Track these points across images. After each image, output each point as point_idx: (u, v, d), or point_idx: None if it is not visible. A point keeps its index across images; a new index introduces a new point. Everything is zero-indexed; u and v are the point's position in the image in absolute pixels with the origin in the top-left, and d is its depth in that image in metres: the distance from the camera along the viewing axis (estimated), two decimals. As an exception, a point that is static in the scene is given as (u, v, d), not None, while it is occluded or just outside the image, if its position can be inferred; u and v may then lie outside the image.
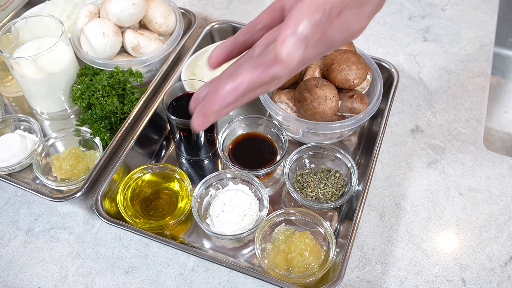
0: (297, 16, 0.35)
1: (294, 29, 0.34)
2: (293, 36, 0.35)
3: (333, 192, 0.72)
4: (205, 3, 1.08)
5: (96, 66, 0.83)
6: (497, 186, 0.77)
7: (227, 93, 0.41)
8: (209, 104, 0.42)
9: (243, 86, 0.41)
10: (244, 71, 0.41)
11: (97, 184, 0.77)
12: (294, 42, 0.34)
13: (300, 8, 0.35)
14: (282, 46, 0.35)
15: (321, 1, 0.35)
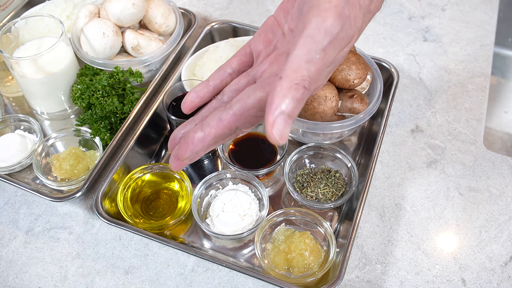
0: (280, 95, 0.36)
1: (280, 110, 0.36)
2: (281, 117, 0.36)
3: (333, 192, 0.72)
4: (205, 3, 1.08)
5: (96, 66, 0.83)
6: (497, 186, 0.77)
7: (197, 142, 0.44)
8: (181, 150, 0.45)
9: (210, 137, 0.44)
10: (212, 122, 0.44)
11: (97, 184, 0.77)
12: (283, 123, 0.36)
13: (282, 86, 0.36)
14: (273, 129, 0.36)
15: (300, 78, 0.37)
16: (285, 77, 0.37)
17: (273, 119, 0.36)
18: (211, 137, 0.43)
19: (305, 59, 0.37)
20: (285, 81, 0.36)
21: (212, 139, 0.44)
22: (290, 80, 0.36)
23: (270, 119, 0.36)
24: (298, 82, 0.36)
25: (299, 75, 0.37)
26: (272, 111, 0.36)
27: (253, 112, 0.42)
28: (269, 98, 0.37)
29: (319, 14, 0.38)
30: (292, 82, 0.36)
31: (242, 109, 0.42)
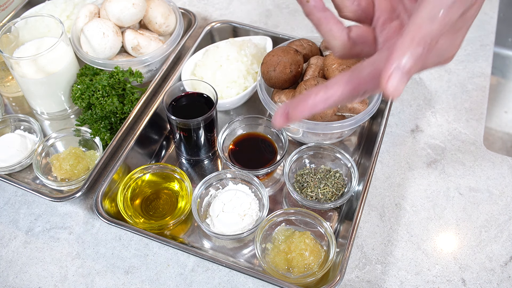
0: (400, 50, 0.36)
1: (398, 64, 0.36)
2: (397, 72, 0.36)
3: (333, 192, 0.72)
4: (205, 3, 1.08)
5: (96, 66, 0.83)
6: (497, 186, 0.77)
7: (319, 102, 0.42)
8: (298, 110, 0.43)
9: (335, 98, 0.42)
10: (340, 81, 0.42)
11: (97, 184, 0.77)
12: (399, 78, 0.36)
13: (403, 42, 0.37)
14: (388, 82, 0.36)
15: (422, 34, 0.37)
16: (406, 33, 0.37)
17: (389, 73, 0.36)
18: (335, 98, 0.41)
19: (428, 17, 0.37)
20: (406, 37, 0.37)
21: (336, 100, 0.42)
22: (412, 36, 0.37)
23: (386, 72, 0.36)
24: (419, 40, 0.37)
25: (421, 32, 0.37)
26: (389, 65, 0.36)
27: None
28: (388, 52, 0.37)
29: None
30: (413, 38, 0.36)
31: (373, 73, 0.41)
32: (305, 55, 0.78)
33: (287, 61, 0.73)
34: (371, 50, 0.49)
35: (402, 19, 0.47)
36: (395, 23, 0.47)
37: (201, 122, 0.71)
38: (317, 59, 0.77)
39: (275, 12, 1.06)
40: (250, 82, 0.83)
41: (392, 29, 0.47)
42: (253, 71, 0.84)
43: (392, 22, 0.47)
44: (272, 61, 0.74)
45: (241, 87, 0.83)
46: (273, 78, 0.74)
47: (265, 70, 0.74)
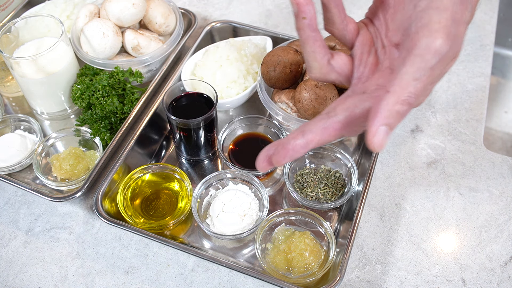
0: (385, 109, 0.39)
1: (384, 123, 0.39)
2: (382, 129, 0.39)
3: (333, 192, 0.72)
4: (205, 3, 1.08)
5: (96, 66, 0.83)
6: (497, 186, 0.77)
7: (298, 149, 0.44)
8: (279, 156, 0.45)
9: (313, 144, 0.44)
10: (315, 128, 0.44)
11: (97, 184, 0.77)
12: (383, 135, 0.39)
13: (388, 102, 0.39)
14: (374, 138, 0.39)
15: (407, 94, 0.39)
16: (392, 92, 0.39)
17: (375, 129, 0.38)
18: (313, 144, 0.44)
19: (413, 77, 0.39)
20: (392, 96, 0.39)
21: (314, 145, 0.44)
22: (398, 96, 0.39)
23: (372, 129, 0.39)
24: (404, 99, 0.39)
25: (406, 92, 0.39)
26: (375, 122, 0.39)
27: (360, 122, 0.44)
28: (374, 108, 0.39)
29: (429, 35, 0.40)
30: (399, 98, 0.39)
31: (349, 118, 0.43)
32: (305, 55, 0.78)
33: (287, 61, 0.73)
34: (345, 81, 0.51)
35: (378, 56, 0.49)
36: (371, 59, 0.49)
37: (201, 122, 0.71)
38: (317, 59, 0.76)
39: (275, 12, 1.06)
40: (250, 82, 0.83)
41: (368, 65, 0.49)
42: (253, 71, 0.84)
43: (369, 57, 0.49)
44: (272, 61, 0.74)
45: (241, 87, 0.83)
46: (273, 78, 0.74)
47: (265, 70, 0.74)
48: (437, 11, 0.40)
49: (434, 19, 0.40)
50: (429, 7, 0.41)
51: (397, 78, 0.40)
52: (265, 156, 0.48)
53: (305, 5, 0.46)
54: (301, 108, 0.71)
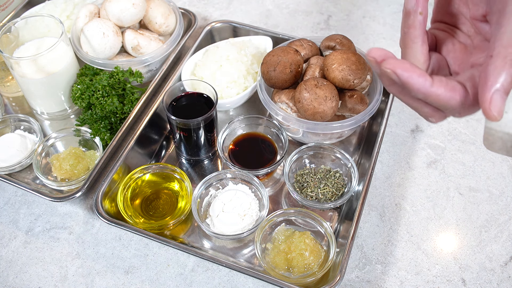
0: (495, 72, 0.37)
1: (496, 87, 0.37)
2: (497, 93, 0.37)
3: (333, 192, 0.72)
4: (205, 3, 1.08)
5: (96, 66, 0.83)
6: (497, 186, 0.77)
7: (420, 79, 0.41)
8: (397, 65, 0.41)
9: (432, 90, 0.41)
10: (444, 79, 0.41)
11: (97, 184, 0.77)
12: (500, 99, 0.37)
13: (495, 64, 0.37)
14: (491, 105, 0.37)
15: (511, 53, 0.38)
16: (496, 55, 0.37)
17: (489, 96, 0.37)
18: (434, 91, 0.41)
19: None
20: (497, 59, 0.37)
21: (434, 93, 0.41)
22: (503, 56, 0.37)
23: (486, 96, 0.37)
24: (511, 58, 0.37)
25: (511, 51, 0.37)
26: (488, 89, 0.37)
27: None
28: (483, 76, 0.37)
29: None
30: (505, 59, 0.37)
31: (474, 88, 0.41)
32: (305, 55, 0.78)
33: (287, 61, 0.73)
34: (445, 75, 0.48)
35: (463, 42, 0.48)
36: (456, 46, 0.48)
37: (201, 122, 0.71)
38: (317, 59, 0.77)
39: (275, 12, 1.06)
40: (250, 82, 0.83)
41: (456, 50, 0.48)
42: (253, 71, 0.84)
43: (454, 45, 0.48)
44: (272, 61, 0.74)
45: (241, 87, 0.83)
46: (273, 78, 0.74)
47: (265, 70, 0.74)
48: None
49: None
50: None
51: (497, 39, 0.38)
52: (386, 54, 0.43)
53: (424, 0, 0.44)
54: (301, 108, 0.71)
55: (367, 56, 0.43)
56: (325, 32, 1.02)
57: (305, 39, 0.80)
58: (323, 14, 1.05)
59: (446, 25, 0.51)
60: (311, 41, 0.80)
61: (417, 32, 0.46)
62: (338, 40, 0.77)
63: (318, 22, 1.04)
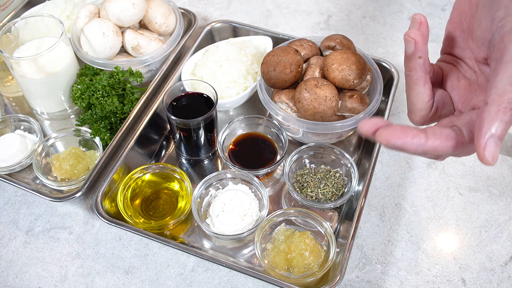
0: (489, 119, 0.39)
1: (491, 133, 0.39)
2: (491, 140, 0.38)
3: (333, 192, 0.72)
4: (205, 3, 1.08)
5: (96, 66, 0.83)
6: (497, 186, 0.77)
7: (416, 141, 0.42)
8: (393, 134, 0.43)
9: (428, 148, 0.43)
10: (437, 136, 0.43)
11: (97, 184, 0.77)
12: (494, 145, 0.39)
13: (490, 111, 0.39)
14: (485, 151, 0.39)
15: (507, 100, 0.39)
16: (491, 103, 0.39)
17: (484, 142, 0.38)
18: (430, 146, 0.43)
19: (509, 83, 0.39)
20: (492, 106, 0.39)
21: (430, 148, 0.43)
22: (497, 104, 0.39)
23: (481, 142, 0.38)
24: (505, 106, 0.39)
25: (505, 99, 0.39)
26: (482, 135, 0.38)
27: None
28: (478, 122, 0.39)
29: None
30: (499, 107, 0.39)
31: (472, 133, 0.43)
32: (305, 55, 0.78)
33: (287, 61, 0.73)
34: (449, 111, 0.51)
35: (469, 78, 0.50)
36: (462, 82, 0.50)
37: (201, 122, 0.71)
38: (317, 59, 0.77)
39: (275, 12, 1.06)
40: (250, 82, 0.83)
41: (461, 87, 0.50)
42: (253, 71, 0.84)
43: (459, 82, 0.50)
44: (272, 61, 0.74)
45: (241, 87, 0.83)
46: (273, 78, 0.74)
47: (265, 70, 0.74)
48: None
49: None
50: (508, 15, 0.41)
51: (493, 87, 0.40)
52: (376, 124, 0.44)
53: (423, 45, 0.46)
54: (301, 108, 0.71)
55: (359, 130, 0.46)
56: (325, 32, 1.02)
57: (305, 39, 0.80)
58: (323, 14, 1.05)
59: (453, 58, 0.53)
60: (311, 41, 0.80)
61: (419, 74, 0.47)
62: (338, 40, 0.77)
63: (318, 22, 1.04)
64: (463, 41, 0.51)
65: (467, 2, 0.50)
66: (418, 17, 0.47)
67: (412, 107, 0.50)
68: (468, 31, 0.50)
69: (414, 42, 0.45)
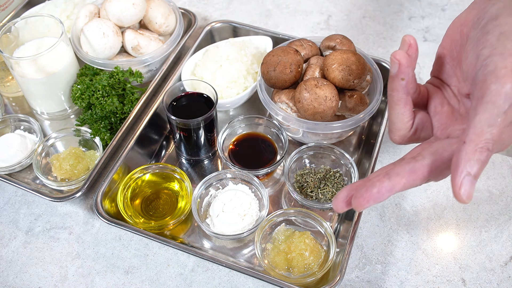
0: (466, 158, 0.40)
1: (467, 172, 0.39)
2: (467, 179, 0.39)
3: (333, 192, 0.72)
4: (205, 3, 1.08)
5: (96, 66, 0.83)
6: (497, 186, 0.77)
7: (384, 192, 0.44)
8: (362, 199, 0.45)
9: (399, 187, 0.44)
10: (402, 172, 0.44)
11: (97, 184, 0.77)
12: (469, 184, 0.39)
13: (467, 150, 0.40)
14: (460, 189, 0.39)
15: (484, 141, 0.40)
16: (468, 142, 0.40)
17: (460, 181, 0.39)
18: (399, 188, 0.44)
19: (487, 124, 0.40)
20: (469, 146, 0.40)
21: (400, 189, 0.44)
22: (474, 144, 0.40)
23: (457, 181, 0.39)
24: (482, 146, 0.40)
25: (483, 139, 0.40)
26: (458, 174, 0.39)
27: (448, 166, 0.44)
28: (454, 160, 0.40)
29: (497, 81, 0.40)
30: (476, 146, 0.40)
31: (437, 162, 0.44)
32: (305, 55, 0.78)
33: (287, 61, 0.73)
34: (428, 134, 0.52)
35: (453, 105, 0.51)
36: (445, 108, 0.51)
37: (201, 122, 0.71)
38: (317, 59, 0.77)
39: (275, 12, 1.06)
40: (250, 82, 0.83)
41: (444, 113, 0.51)
42: (253, 71, 0.84)
43: (443, 107, 0.51)
44: (272, 61, 0.74)
45: (241, 87, 0.83)
46: (273, 78, 0.74)
47: (265, 70, 0.74)
48: (501, 57, 0.41)
49: (499, 65, 0.41)
50: (493, 54, 0.42)
51: (471, 127, 0.40)
52: (345, 197, 0.47)
53: (407, 67, 0.46)
54: (301, 108, 0.71)
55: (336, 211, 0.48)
56: (325, 32, 1.02)
57: (305, 39, 0.80)
58: (323, 14, 1.05)
59: (440, 82, 0.54)
60: (311, 41, 0.80)
61: (400, 95, 0.48)
62: (338, 40, 0.77)
63: (318, 22, 1.04)
64: (451, 69, 0.52)
65: (458, 32, 0.51)
66: (408, 39, 0.48)
67: (392, 126, 0.52)
68: (457, 59, 0.51)
69: (399, 63, 0.46)
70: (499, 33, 0.42)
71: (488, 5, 0.45)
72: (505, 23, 0.42)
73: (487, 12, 0.45)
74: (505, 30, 0.42)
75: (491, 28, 0.43)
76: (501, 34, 0.42)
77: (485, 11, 0.45)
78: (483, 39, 0.43)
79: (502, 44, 0.41)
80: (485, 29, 0.44)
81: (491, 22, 0.43)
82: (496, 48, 0.42)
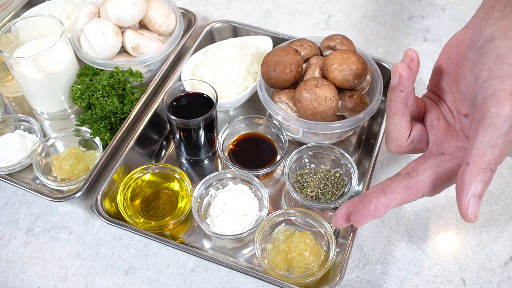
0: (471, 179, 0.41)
1: (472, 193, 0.41)
2: (473, 199, 0.41)
3: (333, 192, 0.72)
4: (205, 3, 1.08)
5: (96, 66, 0.83)
6: (497, 186, 0.77)
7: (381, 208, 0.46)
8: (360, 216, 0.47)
9: (395, 203, 0.46)
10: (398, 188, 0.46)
11: (97, 184, 0.77)
12: (476, 204, 0.41)
13: (471, 172, 0.41)
14: (468, 210, 0.41)
15: (487, 162, 0.41)
16: (472, 163, 0.41)
17: (466, 202, 0.41)
18: (395, 203, 0.46)
19: (489, 145, 0.41)
20: (473, 167, 0.41)
21: (396, 205, 0.46)
22: (478, 165, 0.41)
23: (463, 202, 0.41)
24: (485, 167, 0.41)
25: (486, 160, 0.41)
26: (464, 195, 0.41)
27: (443, 181, 0.46)
28: (459, 182, 0.42)
29: (497, 104, 0.42)
30: (480, 167, 0.41)
31: (432, 177, 0.46)
32: (305, 55, 0.78)
33: (287, 61, 0.73)
34: (423, 147, 0.53)
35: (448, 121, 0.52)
36: (441, 123, 0.52)
37: (201, 122, 0.71)
38: (317, 59, 0.77)
39: (275, 12, 1.06)
40: (250, 82, 0.83)
41: (440, 128, 0.52)
42: (253, 71, 0.84)
43: (439, 122, 0.52)
44: (272, 61, 0.74)
45: (241, 87, 0.83)
46: (273, 78, 0.74)
47: (265, 70, 0.74)
48: (499, 80, 0.42)
49: (498, 88, 0.42)
50: (491, 77, 0.42)
51: (473, 148, 0.42)
52: (344, 214, 0.49)
53: (407, 79, 0.47)
54: (301, 108, 0.71)
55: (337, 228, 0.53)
56: (325, 32, 1.02)
57: (305, 39, 0.80)
58: (323, 14, 1.05)
59: (436, 97, 0.55)
60: (311, 41, 0.80)
61: (398, 106, 0.49)
62: (338, 40, 0.77)
63: (318, 22, 1.04)
64: (447, 86, 0.53)
65: (455, 50, 0.52)
66: (410, 52, 0.49)
67: (389, 136, 0.53)
68: (453, 77, 0.51)
69: (399, 76, 0.47)
70: (496, 56, 0.43)
71: (484, 26, 0.47)
72: (501, 46, 0.43)
73: (483, 33, 0.46)
74: (501, 53, 0.43)
75: (487, 50, 0.44)
76: (497, 56, 0.43)
77: (481, 33, 0.46)
78: (480, 61, 0.44)
79: (499, 67, 0.42)
80: (482, 51, 0.44)
81: (487, 44, 0.44)
82: (494, 71, 0.42)
